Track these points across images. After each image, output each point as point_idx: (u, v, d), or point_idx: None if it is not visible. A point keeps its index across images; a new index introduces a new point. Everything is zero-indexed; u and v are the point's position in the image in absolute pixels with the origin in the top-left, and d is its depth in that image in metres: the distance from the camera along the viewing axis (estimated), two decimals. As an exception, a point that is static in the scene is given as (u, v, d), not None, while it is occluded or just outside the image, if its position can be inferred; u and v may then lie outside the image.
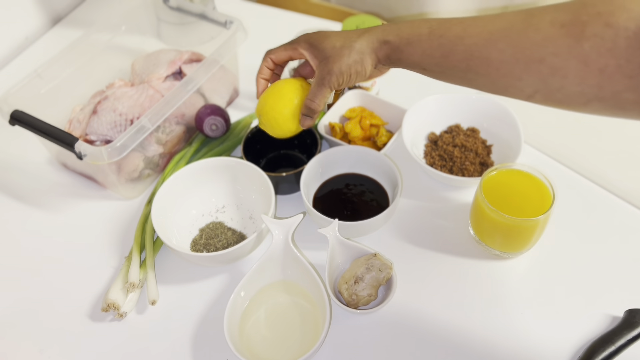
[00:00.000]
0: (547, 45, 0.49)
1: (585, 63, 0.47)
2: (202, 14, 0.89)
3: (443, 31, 0.57)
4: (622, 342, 0.64)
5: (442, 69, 0.57)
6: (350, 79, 0.64)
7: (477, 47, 0.54)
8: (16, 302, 0.72)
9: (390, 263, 0.68)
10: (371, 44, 0.62)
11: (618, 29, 0.45)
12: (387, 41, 0.61)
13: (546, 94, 0.52)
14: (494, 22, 0.54)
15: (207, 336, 0.68)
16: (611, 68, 0.46)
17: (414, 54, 0.59)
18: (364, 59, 0.62)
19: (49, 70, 0.82)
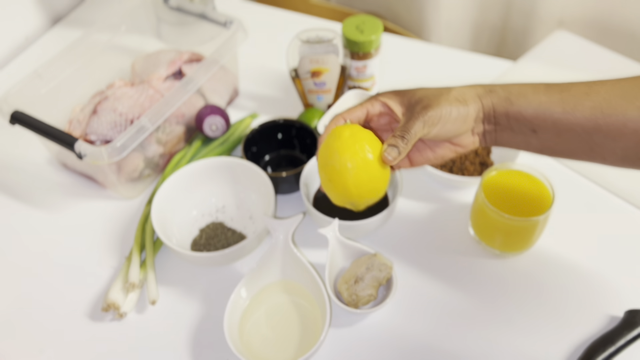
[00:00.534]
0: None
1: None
2: (202, 14, 0.89)
3: (564, 87, 0.50)
4: (622, 342, 0.64)
5: (560, 130, 0.49)
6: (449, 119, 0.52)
7: (608, 103, 0.47)
8: (16, 302, 0.72)
9: (390, 263, 0.68)
10: (474, 89, 0.54)
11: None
12: (493, 90, 0.53)
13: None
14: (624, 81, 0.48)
15: (207, 336, 0.68)
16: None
17: (527, 107, 0.50)
18: (467, 100, 0.53)
19: (49, 71, 0.82)
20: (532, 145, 0.53)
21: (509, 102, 0.52)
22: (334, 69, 0.83)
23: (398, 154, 0.53)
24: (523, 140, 0.53)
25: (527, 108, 0.51)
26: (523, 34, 1.19)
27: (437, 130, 0.53)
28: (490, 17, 1.21)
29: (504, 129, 0.54)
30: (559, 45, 0.99)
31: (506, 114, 0.52)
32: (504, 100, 0.52)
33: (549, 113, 0.50)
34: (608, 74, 0.93)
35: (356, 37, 0.81)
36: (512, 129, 0.53)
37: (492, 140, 0.56)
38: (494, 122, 0.54)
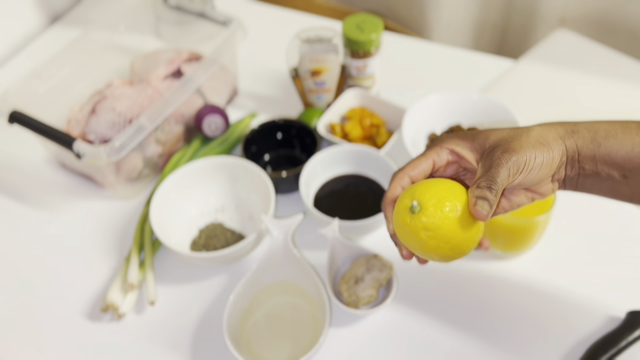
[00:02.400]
0: None
1: None
2: (201, 12, 0.89)
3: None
4: (623, 343, 0.63)
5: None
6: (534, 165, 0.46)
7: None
8: (15, 302, 0.72)
9: (390, 263, 0.68)
10: (554, 130, 0.47)
11: None
12: (576, 130, 0.47)
13: None
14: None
15: (206, 336, 0.68)
16: None
17: (619, 149, 0.45)
18: (549, 144, 0.46)
19: (48, 70, 0.81)
20: (621, 193, 0.48)
21: (596, 143, 0.46)
22: (334, 68, 0.83)
23: (490, 207, 0.44)
24: (610, 187, 0.47)
25: (619, 150, 0.45)
26: (524, 33, 1.19)
27: (521, 177, 0.46)
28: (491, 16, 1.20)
29: (589, 174, 0.47)
30: (560, 43, 0.99)
31: (593, 157, 0.46)
32: (590, 141, 0.46)
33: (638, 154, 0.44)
34: (609, 73, 0.93)
35: (356, 36, 0.81)
36: (599, 174, 0.47)
37: (572, 186, 0.50)
38: (577, 167, 0.47)
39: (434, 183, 0.46)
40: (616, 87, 0.91)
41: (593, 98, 0.90)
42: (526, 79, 0.94)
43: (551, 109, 0.89)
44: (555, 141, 0.47)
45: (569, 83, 0.93)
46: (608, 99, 0.90)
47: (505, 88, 0.92)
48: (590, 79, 0.93)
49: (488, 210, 0.44)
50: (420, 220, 0.44)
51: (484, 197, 0.44)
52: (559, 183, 0.50)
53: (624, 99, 0.90)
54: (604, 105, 0.89)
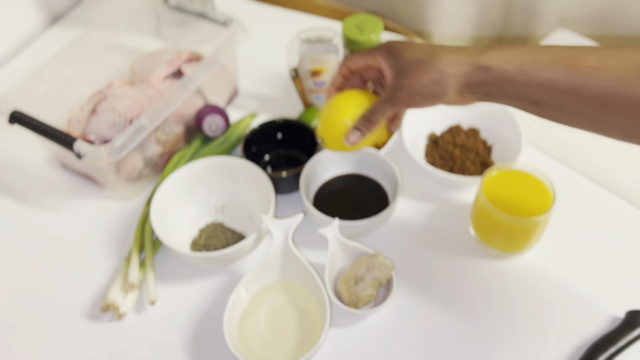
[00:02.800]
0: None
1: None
2: (202, 13, 0.89)
3: (573, 60, 0.47)
4: (622, 343, 0.63)
5: (563, 104, 0.48)
6: (423, 101, 0.53)
7: (620, 82, 0.45)
8: (15, 302, 0.72)
9: (390, 263, 0.68)
10: (461, 66, 0.51)
11: None
12: (487, 67, 0.50)
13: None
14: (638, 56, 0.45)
15: (206, 336, 0.68)
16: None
17: (529, 85, 0.48)
18: (445, 81, 0.52)
19: (48, 70, 0.81)
20: (533, 112, 0.52)
21: (505, 80, 0.49)
22: (334, 68, 0.83)
23: (360, 136, 0.59)
24: (523, 107, 0.51)
25: (528, 86, 0.48)
26: (524, 33, 1.19)
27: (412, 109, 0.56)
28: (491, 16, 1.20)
29: (500, 98, 0.52)
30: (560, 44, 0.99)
31: (502, 90, 0.50)
32: (499, 78, 0.50)
33: (552, 89, 0.47)
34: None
35: (356, 36, 0.81)
36: (510, 99, 0.51)
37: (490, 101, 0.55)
38: (486, 93, 0.52)
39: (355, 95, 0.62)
40: (616, 87, 0.91)
41: (593, 98, 0.90)
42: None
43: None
44: (455, 78, 0.52)
45: (569, 83, 0.93)
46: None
47: (505, 88, 0.92)
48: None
49: (356, 139, 0.59)
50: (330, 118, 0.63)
51: (358, 129, 0.59)
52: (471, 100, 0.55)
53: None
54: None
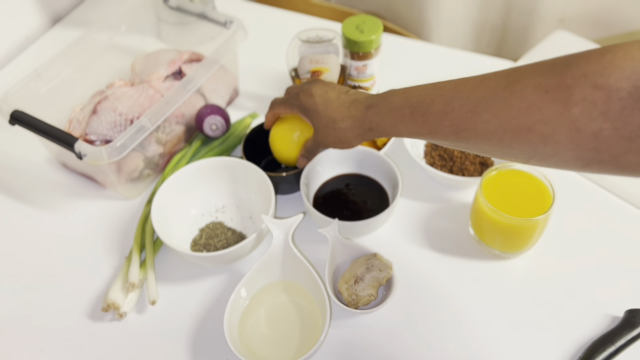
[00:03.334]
0: (533, 114, 0.46)
1: (576, 129, 0.43)
2: (202, 13, 0.89)
3: (424, 108, 0.57)
4: (622, 342, 0.64)
5: (433, 139, 0.58)
6: (335, 147, 0.71)
7: (462, 120, 0.52)
8: (16, 302, 0.72)
9: (390, 263, 0.68)
10: (355, 130, 0.66)
11: (609, 91, 0.41)
12: (371, 128, 0.64)
13: (541, 159, 0.48)
14: (475, 92, 0.52)
15: (207, 336, 0.68)
16: (607, 132, 0.42)
17: (401, 132, 0.61)
18: (346, 139, 0.68)
19: (49, 70, 0.82)
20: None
21: (386, 133, 0.63)
22: (334, 68, 0.83)
23: (307, 162, 0.76)
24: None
25: (402, 133, 0.61)
26: (524, 33, 1.19)
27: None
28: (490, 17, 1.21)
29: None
30: (559, 44, 0.99)
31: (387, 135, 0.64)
32: (381, 133, 0.64)
33: (419, 135, 0.59)
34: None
35: (356, 37, 0.81)
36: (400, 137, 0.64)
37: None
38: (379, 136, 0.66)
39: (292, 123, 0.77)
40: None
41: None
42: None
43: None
44: (353, 140, 0.67)
45: (568, 83, 0.93)
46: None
47: (505, 88, 0.93)
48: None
49: (305, 163, 0.76)
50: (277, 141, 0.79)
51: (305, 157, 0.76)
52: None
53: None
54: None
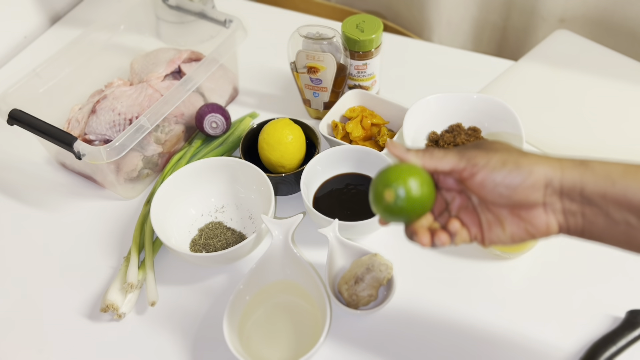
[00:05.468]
0: None
1: None
2: (202, 12, 0.89)
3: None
4: (623, 342, 0.63)
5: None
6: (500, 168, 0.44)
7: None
8: (15, 302, 0.72)
9: (390, 263, 0.68)
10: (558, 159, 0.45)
11: None
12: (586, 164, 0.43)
13: None
14: None
15: (207, 336, 0.68)
16: None
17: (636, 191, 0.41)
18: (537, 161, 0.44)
19: (48, 70, 0.81)
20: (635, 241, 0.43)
21: (609, 180, 0.41)
22: (330, 67, 0.82)
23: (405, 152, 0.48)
24: (625, 233, 0.42)
25: (638, 191, 0.40)
26: (524, 33, 1.19)
27: (482, 177, 0.45)
28: (491, 16, 1.20)
29: (597, 213, 0.43)
30: (560, 44, 0.99)
31: (603, 195, 0.42)
32: (602, 177, 0.42)
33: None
34: (609, 73, 0.93)
35: (356, 36, 0.81)
36: (610, 215, 0.42)
37: (577, 227, 0.45)
38: (579, 202, 0.43)
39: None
40: (616, 87, 0.91)
41: (592, 98, 0.90)
42: (526, 79, 0.94)
43: (551, 109, 0.90)
44: (547, 163, 0.44)
45: (569, 83, 0.93)
46: (608, 99, 0.90)
47: (505, 88, 0.92)
48: (590, 79, 0.93)
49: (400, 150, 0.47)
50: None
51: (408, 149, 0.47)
52: (555, 217, 0.45)
53: (624, 99, 0.90)
54: (603, 105, 0.89)
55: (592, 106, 0.89)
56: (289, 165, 0.78)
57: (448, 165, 0.46)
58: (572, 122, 0.87)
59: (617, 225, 0.42)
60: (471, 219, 0.49)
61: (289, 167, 0.78)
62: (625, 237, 0.43)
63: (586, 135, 0.86)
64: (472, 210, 0.49)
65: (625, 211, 0.42)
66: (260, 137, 0.80)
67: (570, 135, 0.86)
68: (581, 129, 0.86)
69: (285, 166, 0.78)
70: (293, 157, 0.78)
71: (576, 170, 0.43)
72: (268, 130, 0.79)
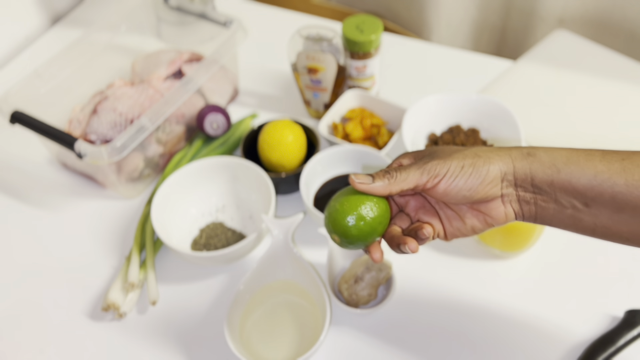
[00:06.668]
0: None
1: None
2: (202, 13, 0.89)
3: (625, 154, 0.43)
4: (622, 342, 0.64)
5: (621, 205, 0.42)
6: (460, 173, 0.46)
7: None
8: (16, 302, 0.72)
9: (390, 263, 0.68)
10: (507, 151, 0.47)
11: None
12: (532, 154, 0.46)
13: None
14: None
15: (207, 336, 0.68)
16: None
17: (580, 176, 0.43)
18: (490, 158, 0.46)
19: (49, 70, 0.82)
20: (583, 223, 0.45)
21: (554, 168, 0.44)
22: (330, 68, 0.83)
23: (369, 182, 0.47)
24: (571, 216, 0.45)
25: (580, 177, 0.43)
26: (523, 33, 1.19)
27: (445, 185, 0.46)
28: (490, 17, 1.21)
29: (547, 200, 0.45)
30: (559, 44, 0.99)
31: (550, 182, 0.44)
32: (548, 166, 0.45)
33: (607, 185, 0.42)
34: (608, 73, 0.93)
35: (356, 37, 0.81)
36: (558, 201, 0.45)
37: (531, 214, 0.47)
38: (532, 191, 0.46)
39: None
40: (614, 87, 0.92)
41: (591, 98, 0.91)
42: (525, 80, 0.94)
43: (550, 109, 0.90)
44: (500, 158, 0.46)
45: (568, 83, 0.93)
46: (606, 99, 0.90)
47: (504, 88, 0.93)
48: (589, 79, 0.93)
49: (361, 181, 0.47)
50: None
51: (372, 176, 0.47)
52: (512, 207, 0.48)
53: (622, 99, 0.90)
54: (602, 105, 0.90)
55: (591, 106, 0.90)
56: (289, 165, 0.78)
57: (412, 184, 0.47)
58: (570, 122, 0.88)
59: (565, 210, 0.45)
60: (430, 217, 0.50)
61: (289, 167, 0.79)
62: (572, 220, 0.46)
63: (585, 135, 0.86)
64: (430, 208, 0.51)
65: (571, 196, 0.44)
66: (260, 137, 0.80)
67: (569, 136, 0.86)
68: (580, 129, 0.87)
69: (285, 166, 0.78)
70: (293, 157, 0.78)
71: (525, 161, 0.46)
72: (268, 131, 0.79)
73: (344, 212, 0.47)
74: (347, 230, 0.47)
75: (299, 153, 0.79)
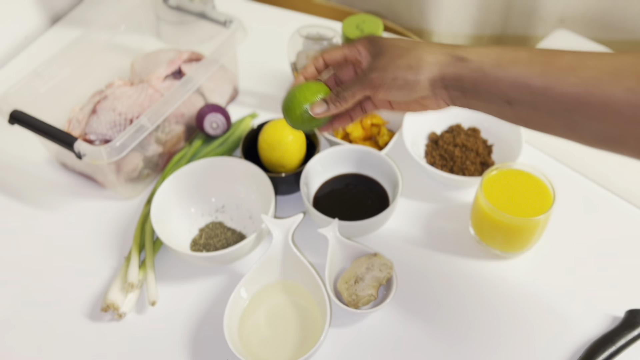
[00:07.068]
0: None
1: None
2: (202, 13, 0.89)
3: (549, 57, 0.46)
4: (622, 342, 0.64)
5: (538, 105, 0.46)
6: (394, 86, 0.52)
7: (596, 80, 0.43)
8: (15, 302, 0.72)
9: (390, 263, 0.68)
10: (438, 54, 0.51)
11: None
12: (462, 58, 0.50)
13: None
14: (619, 57, 0.44)
15: (207, 336, 0.68)
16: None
17: (503, 80, 0.47)
18: (419, 67, 0.51)
19: (48, 70, 0.82)
20: (506, 116, 0.51)
21: (481, 72, 0.49)
22: (332, 68, 0.83)
23: (326, 110, 0.57)
24: (496, 110, 0.50)
25: (502, 81, 0.48)
26: (524, 33, 1.19)
27: (382, 95, 0.53)
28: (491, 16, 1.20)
29: (475, 97, 0.50)
30: (559, 44, 0.99)
31: (475, 83, 0.49)
32: (474, 70, 0.49)
33: (526, 86, 0.46)
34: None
35: (356, 36, 0.81)
36: (483, 98, 0.50)
37: (462, 104, 0.53)
38: (460, 89, 0.51)
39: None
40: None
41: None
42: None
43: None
44: (429, 67, 0.51)
45: (569, 83, 0.93)
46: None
47: (505, 88, 0.92)
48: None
49: (321, 111, 0.57)
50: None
51: (326, 102, 0.57)
52: (444, 101, 0.54)
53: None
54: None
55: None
56: (289, 165, 0.78)
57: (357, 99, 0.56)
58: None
59: (490, 105, 0.50)
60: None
61: (289, 167, 0.79)
62: (498, 113, 0.51)
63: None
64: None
65: (495, 95, 0.49)
66: (260, 137, 0.80)
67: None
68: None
69: (285, 166, 0.78)
70: (293, 157, 0.78)
71: (454, 67, 0.51)
72: (268, 131, 0.79)
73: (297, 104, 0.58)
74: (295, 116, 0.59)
75: (299, 153, 0.79)
